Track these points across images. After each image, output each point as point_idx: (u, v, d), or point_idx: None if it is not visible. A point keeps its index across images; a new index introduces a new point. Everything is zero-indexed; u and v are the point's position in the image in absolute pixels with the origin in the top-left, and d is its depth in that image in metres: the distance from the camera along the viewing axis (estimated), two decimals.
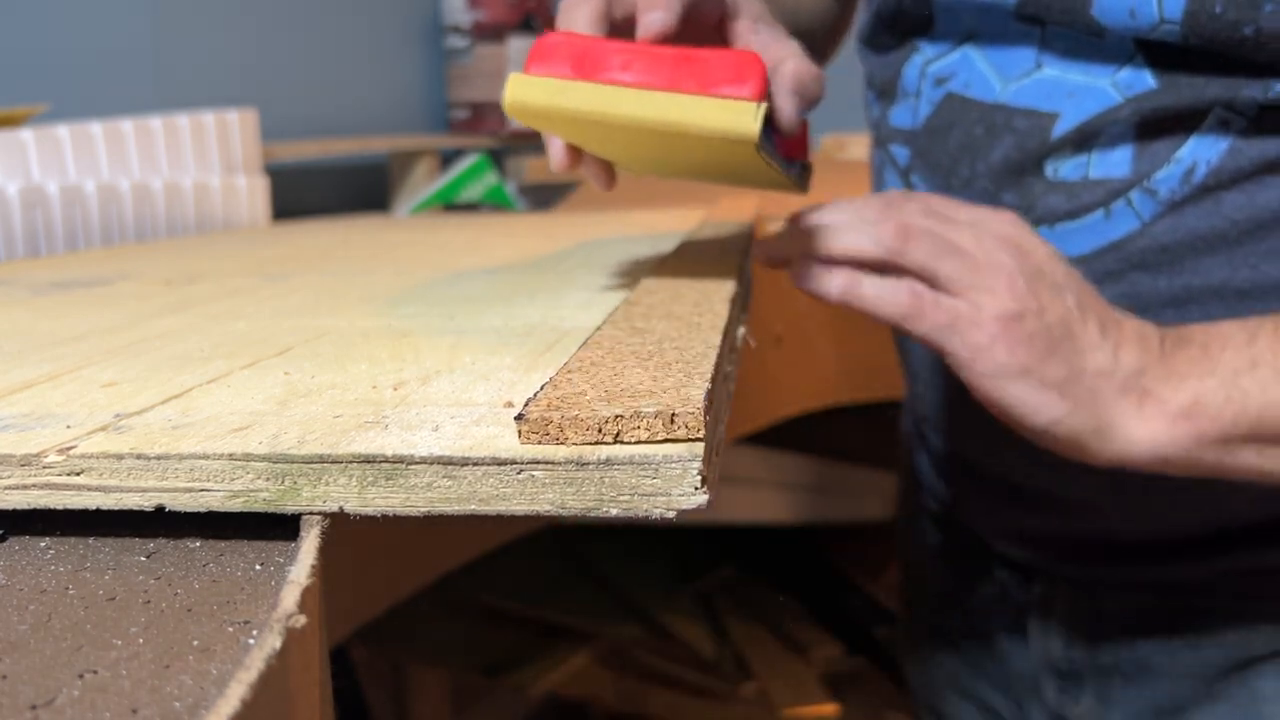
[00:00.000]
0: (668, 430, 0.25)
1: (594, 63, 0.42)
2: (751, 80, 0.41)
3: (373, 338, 0.40)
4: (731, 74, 0.41)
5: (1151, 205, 0.49)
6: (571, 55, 0.42)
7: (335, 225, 0.97)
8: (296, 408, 0.30)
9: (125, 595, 0.23)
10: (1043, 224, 0.53)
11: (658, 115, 0.41)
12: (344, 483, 0.25)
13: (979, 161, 0.55)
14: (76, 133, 0.84)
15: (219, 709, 0.18)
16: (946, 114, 0.56)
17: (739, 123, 0.40)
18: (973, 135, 0.55)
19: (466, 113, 1.40)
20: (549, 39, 0.43)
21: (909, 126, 0.59)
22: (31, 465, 0.26)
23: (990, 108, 0.54)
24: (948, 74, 0.56)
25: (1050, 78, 0.52)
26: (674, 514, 0.24)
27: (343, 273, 0.61)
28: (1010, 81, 0.54)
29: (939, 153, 0.57)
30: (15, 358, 0.38)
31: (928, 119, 0.57)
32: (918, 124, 0.58)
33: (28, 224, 0.79)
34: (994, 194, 0.54)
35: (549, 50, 0.43)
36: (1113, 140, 0.50)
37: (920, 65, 0.58)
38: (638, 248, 0.64)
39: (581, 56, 0.42)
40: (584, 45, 0.43)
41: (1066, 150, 0.52)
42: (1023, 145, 0.53)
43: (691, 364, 0.30)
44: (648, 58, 0.42)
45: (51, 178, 0.82)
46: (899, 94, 0.60)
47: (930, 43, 0.57)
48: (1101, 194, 0.51)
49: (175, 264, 0.68)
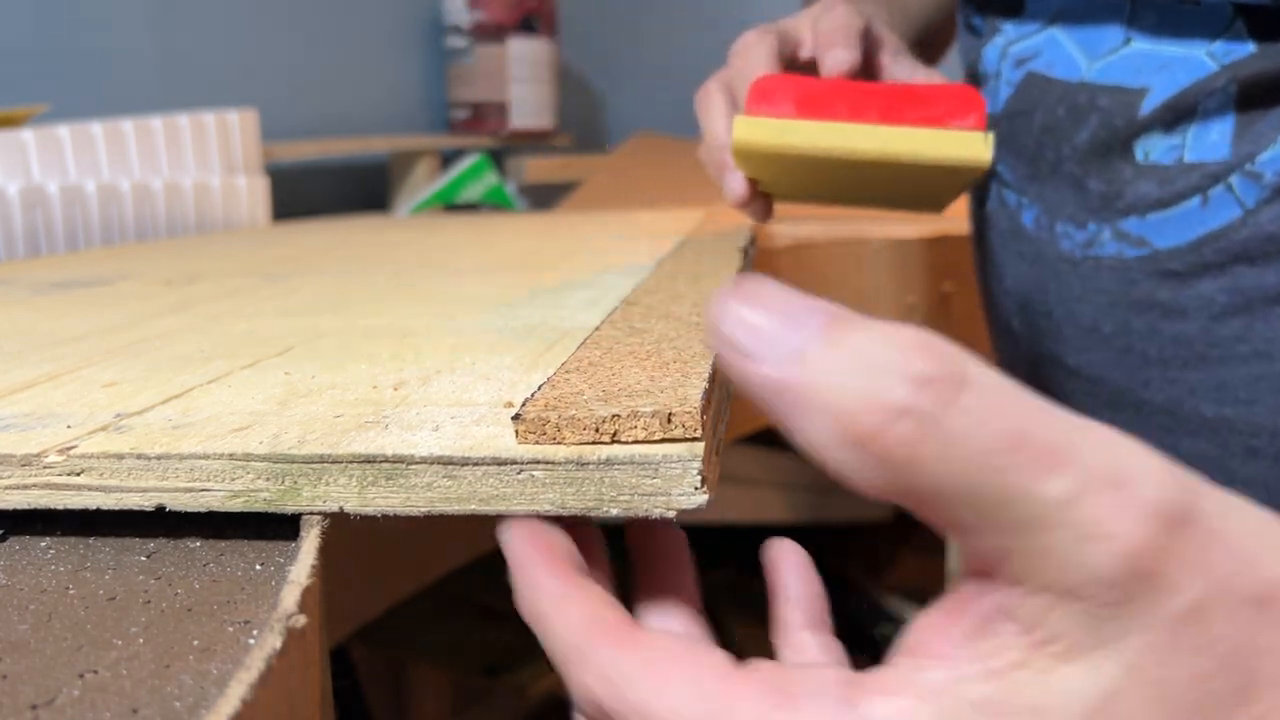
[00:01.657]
0: (665, 430, 0.25)
1: (818, 102, 0.45)
2: (975, 112, 0.45)
3: (373, 338, 0.40)
4: (957, 108, 0.45)
5: (1255, 191, 0.46)
6: (794, 96, 0.45)
7: (335, 225, 0.97)
8: (297, 408, 0.30)
9: (125, 595, 0.23)
10: (1132, 213, 0.50)
11: (894, 149, 0.44)
12: (344, 483, 0.25)
13: (1064, 144, 0.53)
14: (77, 133, 0.84)
15: (219, 709, 0.18)
16: (1027, 95, 0.54)
17: (972, 152, 0.44)
18: (1055, 116, 0.53)
19: (466, 113, 1.40)
20: (767, 82, 0.46)
21: (991, 111, 0.57)
22: (32, 465, 0.26)
23: (1073, 87, 0.52)
24: (1029, 54, 0.54)
25: (1139, 52, 0.49)
26: (674, 514, 0.24)
27: (343, 273, 0.61)
28: (1096, 60, 0.51)
29: (1023, 136, 0.55)
30: (16, 357, 0.38)
31: (1009, 101, 0.56)
32: (999, 107, 0.57)
33: (28, 224, 0.79)
34: (1080, 179, 0.52)
35: (769, 92, 0.45)
36: (1209, 115, 0.47)
37: (1001, 46, 0.56)
38: (638, 248, 0.64)
39: (804, 97, 0.45)
40: (804, 86, 0.45)
41: (1157, 129, 0.49)
42: (1109, 124, 0.50)
43: (689, 364, 0.30)
44: (868, 96, 0.45)
45: (52, 178, 0.82)
46: (980, 78, 0.58)
47: (1016, 24, 0.55)
48: (1198, 179, 0.47)
49: (175, 264, 0.68)
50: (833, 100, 0.45)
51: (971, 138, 0.44)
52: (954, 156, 0.44)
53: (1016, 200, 0.58)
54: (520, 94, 1.38)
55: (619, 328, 0.37)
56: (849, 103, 0.45)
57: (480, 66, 1.38)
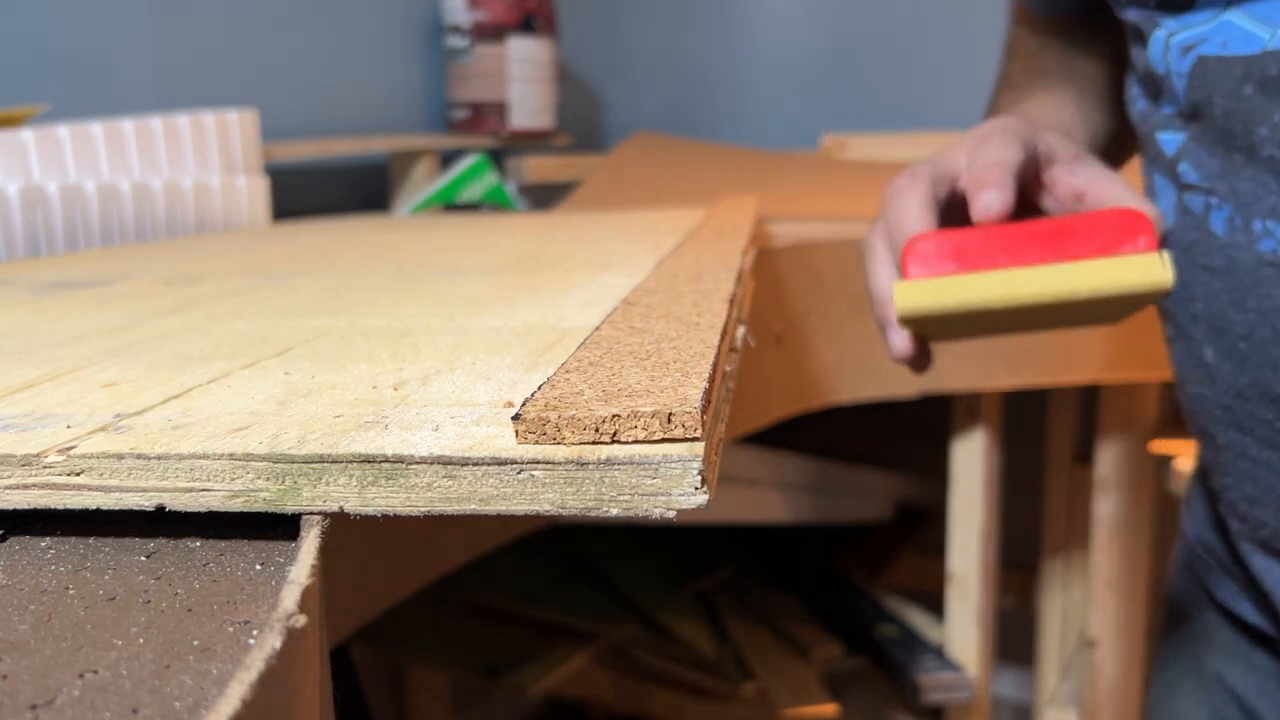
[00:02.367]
0: (665, 430, 0.25)
1: (976, 255, 0.44)
2: (1145, 233, 0.43)
3: (373, 338, 0.40)
4: (1124, 232, 0.43)
5: None
6: (951, 252, 0.44)
7: (335, 225, 0.97)
8: (296, 407, 0.30)
9: (125, 595, 0.23)
10: None
11: (1070, 287, 0.42)
12: (344, 482, 0.25)
13: (1257, 125, 0.48)
14: (77, 133, 0.84)
15: (219, 709, 0.18)
16: (1202, 82, 0.50)
17: (1150, 276, 0.42)
18: (1241, 96, 0.48)
19: (466, 113, 1.40)
20: (921, 243, 0.45)
21: (1171, 110, 0.53)
22: (32, 465, 0.26)
23: (1257, 59, 0.47)
24: (1196, 40, 0.50)
25: None
26: (674, 514, 0.24)
27: (343, 273, 0.61)
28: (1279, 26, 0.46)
29: (1206, 128, 0.50)
30: (16, 358, 0.38)
31: (1185, 94, 0.51)
32: (1179, 104, 0.52)
33: (28, 224, 0.78)
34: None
35: (925, 255, 0.45)
36: None
37: (1164, 40, 0.52)
38: (638, 248, 0.64)
39: (961, 252, 0.44)
40: (958, 240, 0.44)
41: None
42: None
43: (689, 364, 0.30)
44: (1025, 238, 0.44)
45: (52, 178, 0.82)
46: (1151, 78, 0.54)
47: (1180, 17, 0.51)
48: None
49: (175, 264, 0.68)
50: (990, 248, 0.44)
51: (1147, 261, 0.42)
52: (1130, 284, 0.42)
53: (1203, 203, 0.52)
54: (520, 94, 1.38)
55: (619, 328, 0.37)
56: (1008, 246, 0.44)
57: (480, 66, 1.38)
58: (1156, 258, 0.42)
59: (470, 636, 1.20)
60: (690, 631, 1.18)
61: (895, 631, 1.17)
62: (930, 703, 1.08)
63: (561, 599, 1.24)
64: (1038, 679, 1.32)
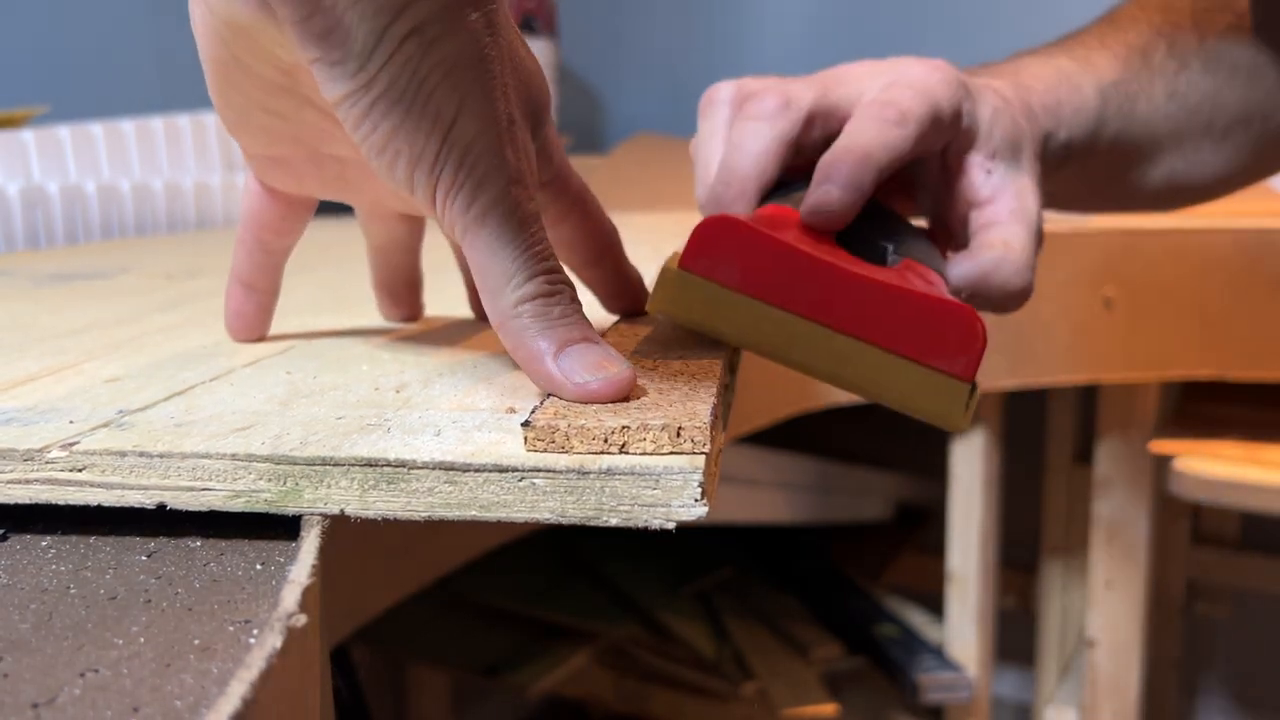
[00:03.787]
0: (674, 444, 0.25)
1: (769, 276, 0.33)
2: (969, 353, 0.33)
3: (374, 337, 0.40)
4: (948, 343, 0.33)
5: None
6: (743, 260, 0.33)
7: (335, 225, 0.97)
8: (299, 408, 0.30)
9: (126, 594, 0.23)
10: None
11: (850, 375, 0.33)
12: (346, 485, 0.25)
13: None
14: (77, 133, 0.84)
15: (220, 708, 0.18)
16: None
17: (949, 410, 0.33)
18: None
19: None
20: (715, 228, 0.33)
21: None
22: (34, 460, 0.26)
23: None
24: None
25: None
26: (673, 525, 0.25)
27: (343, 272, 0.61)
28: None
29: None
30: (17, 350, 0.38)
31: None
32: None
33: (28, 224, 0.79)
34: None
35: (713, 244, 0.33)
36: None
37: None
38: (638, 249, 0.64)
39: (756, 265, 0.33)
40: (762, 245, 0.33)
41: None
42: None
43: (697, 376, 0.30)
44: (836, 283, 0.33)
45: (52, 178, 0.82)
46: None
47: None
48: None
49: (176, 258, 0.68)
50: (793, 274, 0.33)
51: (951, 391, 0.33)
52: (920, 408, 0.33)
53: None
54: None
55: (625, 334, 0.37)
56: (812, 285, 0.33)
57: None
58: (963, 392, 0.33)
59: (470, 636, 1.20)
60: (690, 631, 1.18)
61: (895, 631, 1.17)
62: (930, 703, 1.08)
63: (561, 599, 1.24)
64: (1037, 679, 1.32)
